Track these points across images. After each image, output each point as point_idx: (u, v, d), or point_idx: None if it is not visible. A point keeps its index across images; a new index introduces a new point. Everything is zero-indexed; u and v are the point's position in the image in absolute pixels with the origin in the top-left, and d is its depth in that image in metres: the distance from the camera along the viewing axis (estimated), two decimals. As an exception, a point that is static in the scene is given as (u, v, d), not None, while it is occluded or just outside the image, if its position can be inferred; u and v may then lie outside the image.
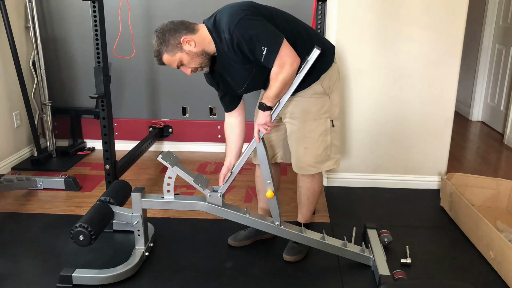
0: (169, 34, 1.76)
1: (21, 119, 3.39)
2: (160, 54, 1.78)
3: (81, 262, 2.08)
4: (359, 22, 2.69)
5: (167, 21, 1.80)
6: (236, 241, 2.23)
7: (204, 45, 1.79)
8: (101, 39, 2.44)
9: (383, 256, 2.03)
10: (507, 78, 4.07)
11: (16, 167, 3.25)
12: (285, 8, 3.33)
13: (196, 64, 1.82)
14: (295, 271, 2.04)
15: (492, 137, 4.10)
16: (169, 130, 3.66)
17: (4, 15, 3.02)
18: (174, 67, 1.83)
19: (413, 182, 2.94)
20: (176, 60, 1.79)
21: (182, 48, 1.77)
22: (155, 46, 1.78)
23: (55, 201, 2.72)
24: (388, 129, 2.86)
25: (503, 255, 1.98)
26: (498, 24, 4.28)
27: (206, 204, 1.99)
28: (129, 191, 2.25)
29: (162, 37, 1.76)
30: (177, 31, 1.76)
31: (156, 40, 1.77)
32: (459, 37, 2.68)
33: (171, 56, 1.78)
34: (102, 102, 2.54)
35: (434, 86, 2.77)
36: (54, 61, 3.55)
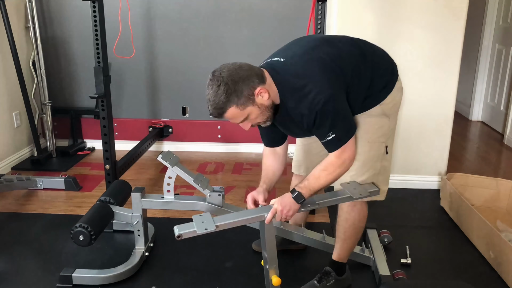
0: (243, 83, 1.45)
1: (21, 119, 3.39)
2: (225, 107, 1.45)
3: (81, 262, 2.08)
4: (359, 22, 2.68)
5: (228, 63, 1.48)
6: (257, 245, 2.16)
7: (273, 97, 1.53)
8: (101, 39, 2.44)
9: (383, 256, 2.03)
10: (507, 78, 4.07)
11: (16, 167, 3.25)
12: (285, 8, 3.37)
13: (263, 119, 1.55)
14: (295, 271, 2.04)
15: (492, 137, 4.10)
16: (169, 130, 3.66)
17: (4, 15, 3.02)
18: (235, 122, 1.54)
19: (413, 182, 2.94)
20: (245, 114, 1.50)
21: (254, 100, 1.48)
22: (219, 96, 1.43)
23: (55, 201, 2.72)
24: (388, 129, 2.85)
25: (503, 255, 1.98)
26: (498, 24, 4.28)
27: (206, 204, 1.99)
28: (129, 191, 2.25)
29: (233, 86, 1.43)
30: (250, 79, 1.46)
31: (223, 88, 1.43)
32: (459, 37, 2.68)
33: (241, 110, 1.47)
34: (102, 102, 2.54)
35: (434, 86, 2.77)
36: (54, 61, 3.55)
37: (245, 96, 1.45)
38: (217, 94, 1.43)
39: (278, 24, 3.40)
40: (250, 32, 3.44)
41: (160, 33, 3.47)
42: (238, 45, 3.47)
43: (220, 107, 1.46)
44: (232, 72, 1.46)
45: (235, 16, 3.41)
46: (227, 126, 3.61)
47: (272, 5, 3.38)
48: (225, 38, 3.45)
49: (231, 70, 1.46)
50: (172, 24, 3.44)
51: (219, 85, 1.43)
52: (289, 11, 3.38)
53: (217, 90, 1.43)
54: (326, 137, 1.53)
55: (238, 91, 1.44)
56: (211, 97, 1.45)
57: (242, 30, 3.44)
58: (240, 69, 1.48)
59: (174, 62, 3.52)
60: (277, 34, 3.41)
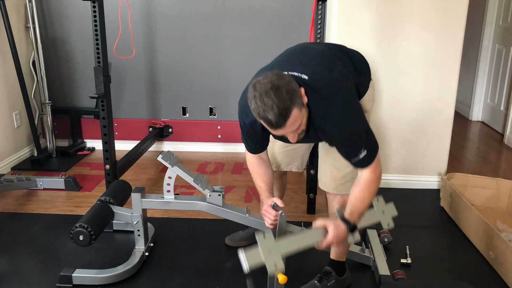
0: (293, 83, 1.37)
1: (21, 119, 3.39)
2: (291, 108, 1.34)
3: (81, 262, 2.08)
4: (359, 22, 2.68)
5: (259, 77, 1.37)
6: (233, 241, 2.21)
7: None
8: (101, 39, 2.44)
9: (383, 256, 2.03)
10: (507, 78, 4.07)
11: (16, 167, 3.25)
12: (285, 8, 3.37)
13: (304, 125, 1.47)
14: (295, 271, 2.04)
15: (492, 137, 4.10)
16: (169, 130, 3.66)
17: (4, 15, 3.02)
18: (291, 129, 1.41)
19: (413, 182, 2.94)
20: (302, 117, 1.40)
21: (304, 104, 1.41)
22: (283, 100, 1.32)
23: (55, 201, 2.72)
24: (387, 129, 2.85)
25: (503, 255, 1.98)
26: (498, 24, 4.28)
27: (206, 204, 1.99)
28: (129, 191, 2.25)
29: (290, 88, 1.34)
30: (295, 82, 1.39)
31: (284, 90, 1.32)
32: (459, 37, 2.68)
33: (300, 111, 1.38)
34: (102, 102, 2.54)
35: (434, 86, 2.77)
36: (54, 61, 3.55)
37: (299, 96, 1.38)
38: (280, 98, 1.32)
39: (278, 24, 3.41)
40: (250, 32, 3.44)
41: (160, 33, 3.47)
42: (238, 45, 3.47)
43: (286, 110, 1.34)
44: (279, 77, 1.37)
45: (235, 16, 3.41)
46: (227, 126, 3.61)
47: (272, 5, 3.38)
48: (225, 38, 3.46)
49: (277, 75, 1.37)
50: (172, 24, 3.44)
51: (277, 89, 1.32)
52: (289, 11, 3.38)
53: (279, 95, 1.32)
54: (359, 154, 1.47)
55: (296, 92, 1.36)
56: (270, 104, 1.32)
57: (242, 30, 3.44)
58: (281, 73, 1.40)
59: (174, 62, 3.52)
60: (277, 34, 3.42)
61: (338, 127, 1.47)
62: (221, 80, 3.54)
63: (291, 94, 1.34)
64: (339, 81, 1.50)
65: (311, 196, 2.57)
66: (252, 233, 2.19)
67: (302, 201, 2.70)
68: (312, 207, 2.59)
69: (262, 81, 1.35)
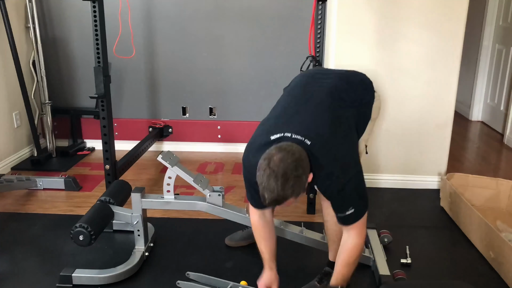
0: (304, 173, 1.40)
1: (21, 119, 3.39)
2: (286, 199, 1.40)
3: (81, 262, 2.08)
4: (359, 22, 2.68)
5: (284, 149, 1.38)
6: (233, 241, 2.21)
7: None
8: (101, 39, 2.44)
9: (383, 256, 2.02)
10: (507, 78, 4.07)
11: (16, 167, 3.25)
12: (285, 8, 3.37)
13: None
14: (295, 271, 2.04)
15: (492, 137, 4.10)
16: (169, 130, 3.66)
17: (4, 15, 3.02)
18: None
19: (413, 182, 2.94)
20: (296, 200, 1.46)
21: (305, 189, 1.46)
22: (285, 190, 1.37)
23: (55, 201, 2.72)
24: (388, 129, 2.85)
25: (503, 255, 1.98)
26: (498, 24, 4.28)
27: (206, 204, 1.99)
28: (129, 191, 2.25)
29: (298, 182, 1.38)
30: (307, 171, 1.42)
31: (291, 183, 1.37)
32: (459, 37, 2.68)
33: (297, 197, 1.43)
34: (102, 102, 2.54)
35: (434, 86, 2.77)
36: (54, 61, 3.55)
37: (303, 186, 1.42)
38: (284, 188, 1.36)
39: (278, 24, 3.41)
40: (250, 32, 3.44)
41: (160, 33, 3.47)
42: (238, 45, 3.47)
43: (283, 199, 1.40)
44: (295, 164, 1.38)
45: (235, 16, 3.41)
46: (227, 126, 3.61)
47: (272, 5, 3.38)
48: (225, 38, 3.45)
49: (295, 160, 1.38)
50: (172, 24, 3.44)
51: (286, 180, 1.36)
52: (289, 11, 3.38)
53: (284, 185, 1.36)
54: (345, 211, 1.53)
55: (301, 184, 1.40)
56: (273, 187, 1.36)
57: (242, 30, 3.44)
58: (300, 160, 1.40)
59: (174, 62, 3.52)
60: (277, 34, 3.42)
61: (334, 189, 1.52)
62: (221, 80, 3.54)
63: (296, 186, 1.38)
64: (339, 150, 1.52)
65: (311, 196, 2.57)
66: (251, 233, 2.18)
67: (302, 201, 2.70)
68: (312, 207, 2.59)
69: (278, 160, 1.36)
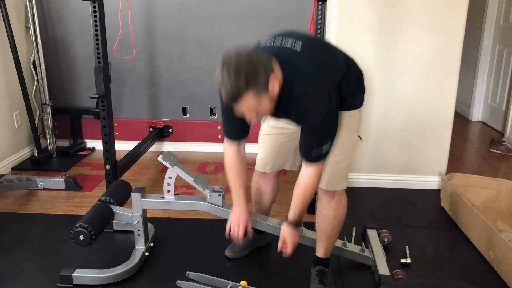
0: (261, 68, 1.36)
1: (22, 119, 3.39)
2: (242, 92, 1.34)
3: (81, 262, 2.08)
4: (359, 22, 2.69)
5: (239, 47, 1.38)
6: (234, 252, 2.14)
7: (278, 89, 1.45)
8: (101, 39, 2.44)
9: (383, 256, 2.03)
10: (507, 78, 4.07)
11: (17, 167, 3.25)
12: (285, 8, 3.37)
13: (268, 111, 1.49)
14: (295, 271, 2.04)
15: (492, 137, 4.10)
16: (169, 130, 3.66)
17: (4, 15, 3.02)
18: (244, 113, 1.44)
19: (413, 182, 2.94)
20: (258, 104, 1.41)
21: (268, 89, 1.39)
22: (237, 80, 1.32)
23: (55, 201, 2.72)
24: (388, 129, 2.86)
25: (503, 255, 1.98)
26: (498, 24, 4.28)
27: (206, 204, 1.99)
28: (129, 191, 2.25)
29: (251, 71, 1.33)
30: (266, 66, 1.38)
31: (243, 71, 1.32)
32: (459, 37, 2.68)
33: (256, 98, 1.38)
34: (102, 102, 2.54)
35: (434, 86, 2.77)
36: (54, 61, 3.55)
37: (262, 83, 1.36)
38: (236, 77, 1.32)
39: (278, 24, 3.40)
40: (250, 32, 3.44)
41: (160, 33, 3.47)
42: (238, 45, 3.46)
43: (237, 92, 1.34)
44: (249, 57, 1.36)
45: (235, 16, 3.41)
46: (227, 126, 3.60)
47: (272, 5, 3.38)
48: (225, 38, 3.46)
49: (247, 54, 1.37)
50: (172, 24, 3.44)
51: (237, 69, 1.32)
52: (289, 11, 3.38)
53: (235, 74, 1.32)
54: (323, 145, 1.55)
55: (257, 77, 1.35)
56: (226, 81, 1.32)
57: (242, 30, 3.44)
58: (255, 54, 1.39)
59: (174, 62, 3.53)
60: (277, 34, 3.41)
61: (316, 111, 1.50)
62: (221, 80, 3.53)
63: (250, 78, 1.33)
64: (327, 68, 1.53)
65: (311, 196, 2.57)
66: (251, 241, 2.16)
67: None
68: (312, 206, 2.59)
69: (232, 55, 1.36)
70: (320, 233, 1.90)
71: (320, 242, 1.92)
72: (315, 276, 1.90)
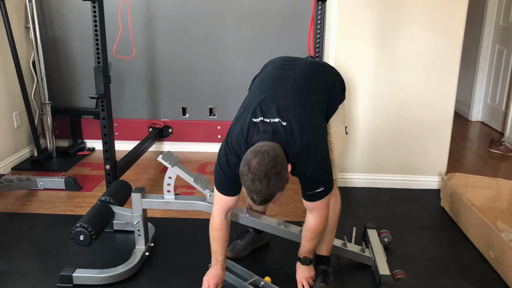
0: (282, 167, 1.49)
1: (21, 119, 3.39)
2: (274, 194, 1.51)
3: (82, 262, 2.08)
4: (359, 22, 2.69)
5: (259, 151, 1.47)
6: (235, 253, 2.13)
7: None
8: (101, 39, 2.44)
9: (383, 256, 2.03)
10: (507, 78, 4.07)
11: (16, 167, 3.25)
12: (285, 8, 3.37)
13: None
14: (295, 271, 2.04)
15: (492, 137, 4.10)
16: (169, 130, 3.66)
17: (4, 15, 3.02)
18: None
19: (413, 182, 2.94)
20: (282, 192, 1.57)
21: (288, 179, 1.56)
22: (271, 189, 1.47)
23: (55, 201, 2.72)
24: (388, 129, 2.86)
25: (503, 255, 1.98)
26: (498, 24, 4.28)
27: (206, 204, 2.00)
28: (129, 191, 2.25)
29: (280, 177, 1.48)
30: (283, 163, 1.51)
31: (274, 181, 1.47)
32: (459, 37, 2.68)
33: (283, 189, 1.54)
34: (102, 102, 2.54)
35: (434, 86, 2.77)
36: (54, 61, 3.55)
37: (284, 178, 1.52)
38: (269, 187, 1.47)
39: (278, 24, 3.41)
40: (250, 32, 3.44)
41: (160, 33, 3.47)
42: (238, 45, 3.47)
43: (270, 197, 1.51)
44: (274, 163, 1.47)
45: (235, 16, 3.41)
46: (227, 126, 3.59)
47: (272, 5, 3.38)
48: (225, 38, 3.46)
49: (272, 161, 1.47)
50: (172, 24, 3.44)
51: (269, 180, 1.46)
52: (289, 11, 3.38)
53: (268, 184, 1.46)
54: (314, 189, 1.63)
55: (282, 178, 1.50)
56: (258, 189, 1.47)
57: (242, 30, 3.44)
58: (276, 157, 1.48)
59: (174, 62, 3.53)
60: (277, 34, 3.42)
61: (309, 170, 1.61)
62: (221, 80, 3.54)
63: (279, 181, 1.48)
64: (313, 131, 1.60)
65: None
66: (251, 241, 2.17)
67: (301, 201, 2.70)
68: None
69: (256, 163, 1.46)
70: None
71: (321, 240, 1.92)
72: (317, 275, 1.90)
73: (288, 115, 1.57)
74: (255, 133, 1.57)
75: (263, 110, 1.59)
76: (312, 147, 1.58)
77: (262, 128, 1.56)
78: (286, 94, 1.65)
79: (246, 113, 1.62)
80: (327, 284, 1.88)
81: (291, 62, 1.83)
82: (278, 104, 1.60)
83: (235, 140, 1.62)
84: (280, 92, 1.66)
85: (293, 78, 1.72)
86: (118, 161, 2.73)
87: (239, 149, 1.61)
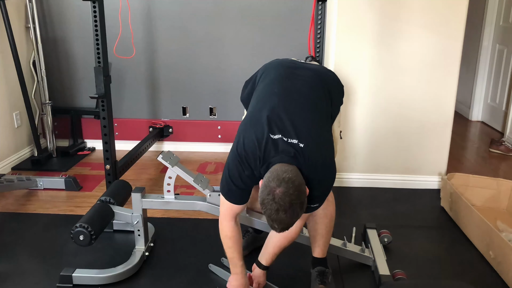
0: (305, 196, 1.51)
1: (22, 119, 3.39)
2: (294, 223, 1.52)
3: (81, 262, 2.08)
4: (359, 22, 2.69)
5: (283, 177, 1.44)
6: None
7: None
8: (101, 39, 2.44)
9: (383, 256, 2.03)
10: (507, 78, 4.07)
11: (17, 167, 3.25)
12: (285, 8, 3.37)
13: None
14: (295, 271, 2.04)
15: (492, 137, 4.10)
16: (169, 130, 3.66)
17: (4, 15, 3.02)
18: None
19: (413, 182, 2.94)
20: None
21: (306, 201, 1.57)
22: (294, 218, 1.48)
23: (56, 201, 2.72)
24: (388, 129, 2.85)
25: (503, 255, 1.98)
26: (498, 24, 4.28)
27: (206, 204, 2.00)
28: (129, 191, 2.25)
29: (302, 204, 1.49)
30: (304, 189, 1.51)
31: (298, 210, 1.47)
32: (459, 37, 2.68)
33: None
34: (102, 102, 2.54)
35: (434, 86, 2.77)
36: (54, 61, 3.55)
37: (305, 203, 1.51)
38: (292, 217, 1.47)
39: (278, 24, 3.41)
40: (250, 32, 3.44)
41: (160, 33, 3.47)
42: (238, 45, 3.47)
43: (291, 225, 1.51)
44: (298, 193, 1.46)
45: (235, 16, 3.41)
46: (227, 126, 3.61)
47: (272, 5, 3.38)
48: (225, 38, 3.46)
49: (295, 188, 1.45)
50: (172, 24, 3.44)
51: (293, 210, 1.46)
52: (289, 11, 3.38)
53: (292, 214, 1.46)
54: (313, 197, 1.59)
55: (304, 205, 1.50)
56: (284, 220, 1.47)
57: (242, 30, 3.44)
58: (300, 185, 1.47)
59: (174, 62, 3.53)
60: (277, 34, 3.42)
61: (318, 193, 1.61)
62: (221, 80, 3.54)
63: (302, 211, 1.49)
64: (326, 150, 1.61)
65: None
66: (251, 241, 2.17)
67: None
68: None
69: (281, 194, 1.43)
70: (313, 234, 1.90)
71: (315, 243, 1.92)
72: (315, 277, 1.90)
73: (306, 137, 1.53)
74: (272, 150, 1.52)
75: (279, 126, 1.54)
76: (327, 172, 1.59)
77: (281, 148, 1.52)
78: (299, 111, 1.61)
79: (260, 126, 1.55)
80: (326, 285, 1.87)
81: (293, 71, 1.78)
82: (294, 123, 1.55)
83: (250, 154, 1.55)
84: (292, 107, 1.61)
85: (302, 93, 1.67)
86: (118, 161, 2.73)
87: (254, 163, 1.55)
